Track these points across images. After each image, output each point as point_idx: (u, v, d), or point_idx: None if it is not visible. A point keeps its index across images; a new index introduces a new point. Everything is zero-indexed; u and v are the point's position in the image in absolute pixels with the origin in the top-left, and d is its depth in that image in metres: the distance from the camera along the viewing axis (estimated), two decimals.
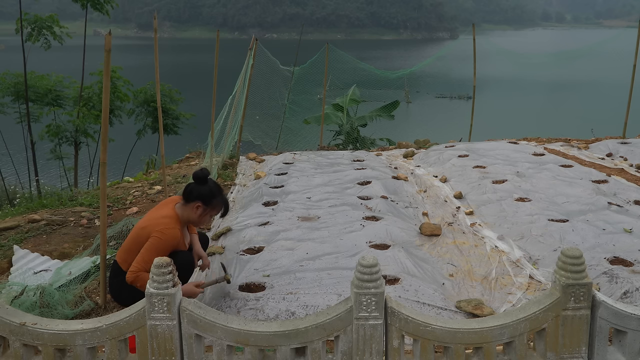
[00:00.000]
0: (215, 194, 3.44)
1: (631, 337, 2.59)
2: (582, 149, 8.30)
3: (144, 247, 3.23)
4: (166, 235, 3.24)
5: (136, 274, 3.17)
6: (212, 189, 3.44)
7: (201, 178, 3.43)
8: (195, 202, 3.39)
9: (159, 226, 3.27)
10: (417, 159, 8.22)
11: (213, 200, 3.43)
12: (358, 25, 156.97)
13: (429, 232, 4.94)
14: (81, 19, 11.41)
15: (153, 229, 3.25)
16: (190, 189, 3.42)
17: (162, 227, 3.26)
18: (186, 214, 3.42)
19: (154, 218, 3.36)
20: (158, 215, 3.36)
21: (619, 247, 4.33)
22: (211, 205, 3.44)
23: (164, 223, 3.29)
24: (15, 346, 2.61)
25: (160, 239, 3.22)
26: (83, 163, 12.74)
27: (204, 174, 3.45)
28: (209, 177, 3.48)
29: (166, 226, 3.27)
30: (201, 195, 3.39)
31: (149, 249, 3.20)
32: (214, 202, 3.44)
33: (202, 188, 3.41)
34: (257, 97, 11.86)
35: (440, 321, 2.61)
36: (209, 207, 3.43)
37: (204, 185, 3.42)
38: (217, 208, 3.49)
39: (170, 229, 3.27)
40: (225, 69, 12.06)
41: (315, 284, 3.80)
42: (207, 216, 3.48)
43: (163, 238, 3.23)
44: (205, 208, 3.42)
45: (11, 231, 5.23)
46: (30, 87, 11.01)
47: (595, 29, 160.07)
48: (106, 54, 3.50)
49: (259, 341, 2.53)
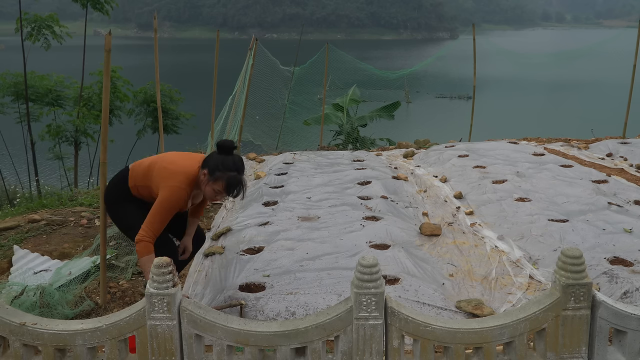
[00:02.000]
0: (220, 166, 3.13)
1: (631, 337, 2.59)
2: (582, 149, 8.30)
3: (154, 205, 3.13)
4: (174, 194, 3.12)
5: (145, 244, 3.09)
6: (223, 160, 3.15)
7: (221, 147, 3.19)
8: (204, 169, 3.17)
9: (173, 179, 3.13)
10: (417, 159, 8.22)
11: (216, 173, 3.13)
12: (358, 25, 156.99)
13: (429, 232, 4.94)
14: (81, 19, 11.42)
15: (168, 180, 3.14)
16: (209, 155, 3.23)
17: (175, 182, 3.13)
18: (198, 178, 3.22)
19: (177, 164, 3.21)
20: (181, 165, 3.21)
21: (619, 247, 4.34)
22: (214, 177, 3.14)
23: (179, 180, 3.14)
24: (15, 346, 2.61)
25: (167, 198, 3.10)
26: (83, 163, 12.75)
27: (226, 144, 3.19)
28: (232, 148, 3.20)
29: (176, 184, 3.13)
30: (208, 163, 3.16)
31: (157, 211, 3.11)
32: (216, 175, 3.14)
33: (216, 157, 3.17)
34: (257, 97, 11.87)
35: (440, 321, 2.61)
36: (212, 178, 3.15)
37: (220, 155, 3.17)
38: (219, 183, 3.15)
39: (179, 189, 3.13)
40: (225, 69, 12.07)
41: (315, 284, 3.80)
42: (210, 189, 3.19)
43: (170, 197, 3.11)
44: (209, 179, 3.16)
45: (11, 231, 5.23)
46: (30, 87, 11.01)
47: (595, 29, 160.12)
48: (106, 54, 3.50)
49: (259, 341, 2.53)
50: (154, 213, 3.12)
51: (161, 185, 3.16)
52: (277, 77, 12.89)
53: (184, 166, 3.22)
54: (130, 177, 3.32)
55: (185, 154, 3.41)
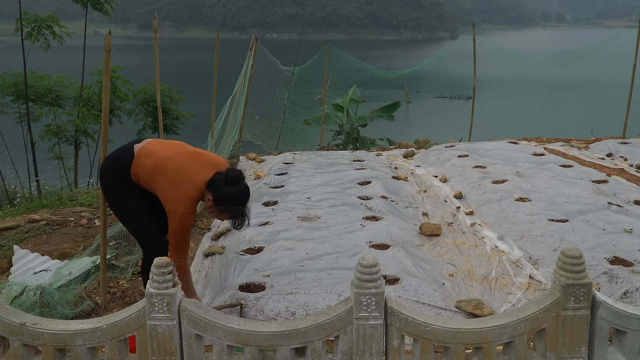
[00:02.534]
0: (227, 200, 3.12)
1: (631, 337, 2.59)
2: (582, 149, 8.30)
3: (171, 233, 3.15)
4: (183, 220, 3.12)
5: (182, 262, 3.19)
6: (230, 194, 3.12)
7: (230, 179, 3.14)
8: (209, 193, 3.14)
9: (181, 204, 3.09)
10: (417, 159, 8.22)
11: (221, 205, 3.14)
12: (358, 25, 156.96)
13: (429, 232, 4.94)
14: (81, 19, 11.42)
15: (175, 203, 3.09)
16: (214, 179, 3.15)
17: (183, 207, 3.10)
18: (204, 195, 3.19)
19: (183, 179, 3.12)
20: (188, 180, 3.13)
21: (619, 247, 4.34)
22: (218, 208, 3.17)
23: (186, 204, 3.11)
24: (15, 346, 2.61)
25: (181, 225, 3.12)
26: (83, 163, 12.74)
27: (235, 175, 3.15)
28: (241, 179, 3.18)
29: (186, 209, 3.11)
30: (214, 191, 3.12)
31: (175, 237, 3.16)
32: (221, 207, 3.16)
33: (222, 188, 3.12)
34: (257, 97, 11.86)
35: (440, 321, 2.61)
36: (216, 208, 3.17)
37: (227, 187, 3.12)
38: (224, 215, 3.22)
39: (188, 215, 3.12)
40: (225, 69, 12.06)
41: (315, 284, 3.80)
42: (215, 212, 3.22)
43: (181, 223, 3.12)
44: (213, 206, 3.16)
45: (11, 231, 5.22)
46: (30, 87, 11.00)
47: (595, 29, 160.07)
48: (106, 54, 3.50)
49: (259, 341, 2.53)
50: (175, 240, 3.17)
51: (167, 205, 3.13)
52: (277, 77, 12.89)
53: (191, 183, 3.12)
54: (134, 165, 3.20)
55: (193, 154, 3.28)
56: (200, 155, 3.29)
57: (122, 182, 3.26)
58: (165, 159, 3.17)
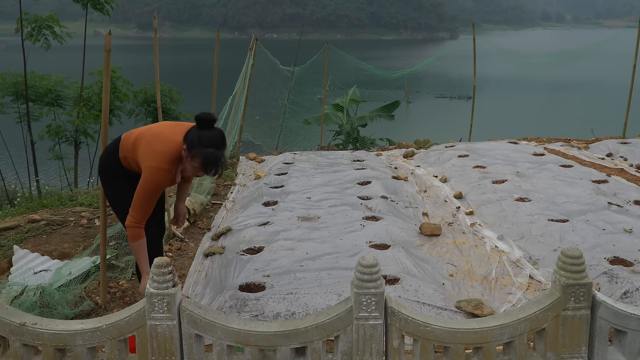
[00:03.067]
0: (197, 142, 2.95)
1: (631, 337, 2.59)
2: (582, 149, 8.30)
3: (137, 188, 3.02)
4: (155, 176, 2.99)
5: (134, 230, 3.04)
6: (200, 135, 2.96)
7: (200, 121, 3.00)
8: (184, 144, 2.99)
9: (154, 159, 2.99)
10: (417, 159, 8.22)
11: (193, 150, 2.96)
12: (358, 25, 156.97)
13: (429, 232, 4.94)
14: (81, 19, 11.42)
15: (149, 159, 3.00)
16: (190, 129, 3.04)
17: (155, 162, 2.99)
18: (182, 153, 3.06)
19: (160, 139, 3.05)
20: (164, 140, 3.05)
21: (619, 247, 4.34)
22: (191, 154, 2.97)
23: (159, 160, 2.99)
24: (15, 346, 2.61)
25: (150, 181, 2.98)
26: (83, 163, 12.73)
27: (205, 117, 2.99)
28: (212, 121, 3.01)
29: (156, 164, 2.98)
30: (187, 138, 3.00)
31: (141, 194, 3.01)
32: (193, 152, 2.96)
33: (193, 131, 2.99)
34: (257, 97, 11.87)
35: (440, 321, 2.61)
36: (190, 155, 2.98)
37: (198, 130, 2.99)
38: (197, 160, 2.97)
39: (159, 170, 2.99)
40: (225, 69, 12.06)
41: (315, 284, 3.80)
42: (190, 166, 3.03)
43: (152, 179, 2.98)
44: (187, 155, 2.99)
45: (11, 231, 5.22)
46: (30, 87, 11.00)
47: (595, 29, 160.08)
48: (106, 54, 3.50)
49: (259, 341, 2.53)
50: (138, 197, 3.02)
51: (143, 165, 3.04)
52: (277, 77, 12.90)
53: (167, 142, 3.05)
54: (121, 148, 3.19)
55: (175, 124, 3.22)
56: (181, 124, 3.22)
57: (118, 177, 3.25)
58: (146, 129, 3.22)
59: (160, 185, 3.05)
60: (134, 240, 3.09)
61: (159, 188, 3.05)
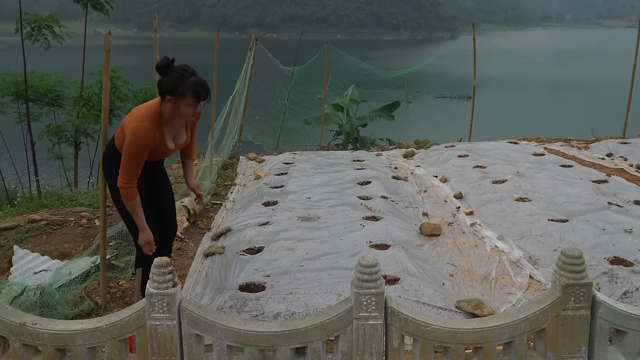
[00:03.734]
0: (178, 80, 3.04)
1: (631, 337, 2.59)
2: (582, 149, 8.30)
3: (123, 152, 3.12)
4: (136, 134, 3.06)
5: (126, 190, 3.13)
6: (173, 76, 3.06)
7: (162, 68, 3.09)
8: (165, 97, 3.09)
9: (131, 123, 3.11)
10: (417, 159, 8.22)
11: (178, 88, 3.04)
12: (358, 25, 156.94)
13: (429, 232, 4.94)
14: (81, 19, 11.41)
15: (132, 122, 3.11)
16: (158, 83, 3.13)
17: (131, 125, 3.10)
18: (166, 111, 3.15)
19: (139, 108, 3.21)
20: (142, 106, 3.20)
21: (619, 247, 4.34)
22: (179, 94, 3.05)
23: (133, 120, 3.11)
24: (15, 346, 2.61)
25: (131, 140, 3.07)
26: (83, 163, 12.73)
27: (164, 63, 3.08)
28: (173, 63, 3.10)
29: (135, 124, 3.09)
30: (164, 88, 3.09)
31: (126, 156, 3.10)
32: (180, 90, 3.04)
33: (165, 79, 3.08)
34: (257, 97, 11.86)
35: (440, 321, 2.61)
36: (178, 97, 3.06)
37: (167, 75, 3.08)
38: (187, 94, 3.05)
39: (138, 127, 3.07)
40: (225, 68, 12.05)
41: (315, 284, 3.80)
42: (183, 106, 3.10)
43: (133, 139, 3.06)
44: (176, 99, 3.08)
45: (11, 231, 5.22)
46: (30, 87, 10.99)
47: (595, 29, 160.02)
48: (106, 54, 3.50)
49: (259, 341, 2.53)
50: (124, 158, 3.11)
51: (125, 130, 3.14)
52: (277, 77, 12.89)
53: (145, 105, 3.19)
54: (116, 137, 3.30)
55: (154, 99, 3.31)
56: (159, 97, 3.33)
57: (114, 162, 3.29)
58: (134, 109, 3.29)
59: (143, 143, 3.10)
60: (128, 200, 3.17)
61: (142, 147, 3.11)
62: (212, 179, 6.97)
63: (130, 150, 3.09)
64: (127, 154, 3.10)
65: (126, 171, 3.12)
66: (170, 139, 3.30)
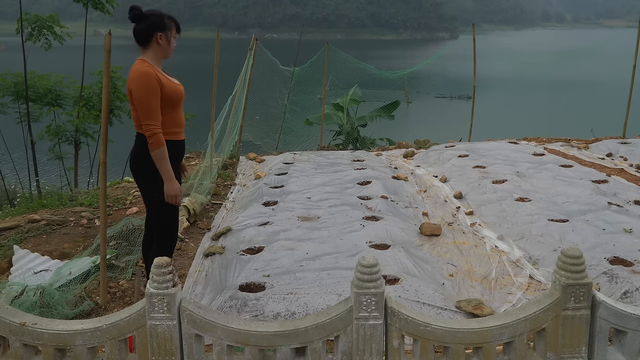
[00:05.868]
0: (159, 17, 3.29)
1: (631, 337, 2.59)
2: (582, 149, 8.30)
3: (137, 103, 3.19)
4: (139, 75, 3.16)
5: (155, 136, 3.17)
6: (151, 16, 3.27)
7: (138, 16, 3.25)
8: (155, 35, 3.26)
9: (130, 77, 3.19)
10: (417, 159, 8.22)
11: (165, 22, 3.31)
12: (358, 25, 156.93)
13: (429, 232, 4.94)
14: (81, 19, 11.40)
15: (129, 84, 3.19)
16: (139, 31, 3.26)
17: (132, 75, 3.18)
18: (154, 54, 3.30)
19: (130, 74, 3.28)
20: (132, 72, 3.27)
21: (619, 247, 4.34)
22: (168, 28, 3.32)
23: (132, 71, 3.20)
24: (15, 346, 2.61)
25: (139, 84, 3.15)
26: (83, 163, 12.72)
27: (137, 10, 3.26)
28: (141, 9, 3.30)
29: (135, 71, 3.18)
30: (154, 25, 3.26)
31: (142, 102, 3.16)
32: (167, 23, 3.32)
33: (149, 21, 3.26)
34: (257, 97, 11.86)
35: (440, 321, 2.61)
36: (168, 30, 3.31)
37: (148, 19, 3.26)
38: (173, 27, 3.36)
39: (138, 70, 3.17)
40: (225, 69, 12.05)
41: (315, 284, 3.80)
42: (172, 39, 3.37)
43: (140, 81, 3.15)
44: (166, 34, 3.30)
45: (11, 231, 5.23)
46: (30, 87, 10.99)
47: (595, 29, 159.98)
48: (106, 54, 3.51)
49: (259, 341, 2.53)
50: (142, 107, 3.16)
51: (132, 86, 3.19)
52: (277, 77, 12.88)
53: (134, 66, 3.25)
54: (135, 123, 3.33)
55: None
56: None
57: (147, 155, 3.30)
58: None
59: (151, 86, 3.17)
60: (157, 147, 3.19)
61: (151, 84, 3.17)
62: (212, 179, 6.97)
63: (142, 94, 3.15)
64: (141, 99, 3.15)
65: (147, 117, 3.16)
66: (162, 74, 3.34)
